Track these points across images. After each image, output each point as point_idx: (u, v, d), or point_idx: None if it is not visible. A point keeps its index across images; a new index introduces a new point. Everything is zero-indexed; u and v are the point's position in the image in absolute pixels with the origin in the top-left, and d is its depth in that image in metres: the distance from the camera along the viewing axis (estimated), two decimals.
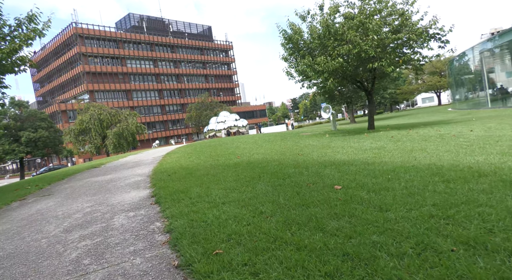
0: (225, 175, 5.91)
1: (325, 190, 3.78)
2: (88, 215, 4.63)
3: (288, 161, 6.86)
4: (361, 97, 40.57)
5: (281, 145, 12.10)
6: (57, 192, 7.88)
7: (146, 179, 7.73)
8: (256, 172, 5.81)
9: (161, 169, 8.84)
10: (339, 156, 6.97)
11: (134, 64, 69.59)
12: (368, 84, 15.23)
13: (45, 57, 71.27)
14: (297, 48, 15.32)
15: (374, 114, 15.86)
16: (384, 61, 11.71)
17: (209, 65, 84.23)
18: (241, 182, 5.05)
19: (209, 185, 5.13)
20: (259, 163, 7.04)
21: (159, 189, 5.51)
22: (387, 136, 10.81)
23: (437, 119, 22.34)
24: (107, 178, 9.02)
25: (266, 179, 5.01)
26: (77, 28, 61.95)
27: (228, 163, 7.92)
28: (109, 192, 6.52)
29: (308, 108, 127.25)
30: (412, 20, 12.16)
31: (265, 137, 18.36)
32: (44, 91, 74.80)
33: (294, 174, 5.13)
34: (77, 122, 38.89)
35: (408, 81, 68.26)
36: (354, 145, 8.99)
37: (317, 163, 6.14)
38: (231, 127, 47.62)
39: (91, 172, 11.59)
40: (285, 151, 9.41)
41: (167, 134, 72.22)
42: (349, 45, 12.44)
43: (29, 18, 9.73)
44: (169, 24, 79.71)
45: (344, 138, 12.33)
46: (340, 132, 17.26)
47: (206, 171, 6.98)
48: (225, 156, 9.89)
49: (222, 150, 12.13)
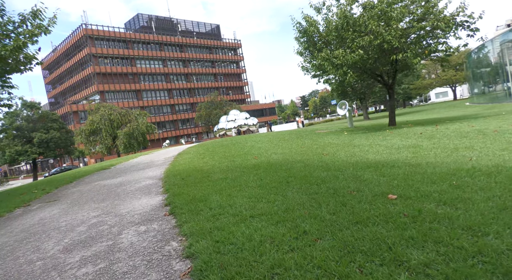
0: (246, 180, 5.25)
1: (377, 200, 3.09)
2: (93, 227, 4.03)
3: (314, 162, 6.16)
4: (375, 92, 39.45)
5: (299, 143, 11.39)
6: (63, 197, 7.35)
7: (158, 182, 7.14)
8: (282, 175, 5.13)
9: (173, 172, 8.24)
10: (371, 156, 6.23)
11: (143, 64, 69.51)
12: (388, 78, 14.37)
13: (57, 59, 71.78)
14: (313, 41, 14.57)
15: (394, 110, 15.00)
16: (409, 52, 10.86)
17: (218, 63, 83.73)
18: (267, 188, 4.38)
19: (230, 192, 4.47)
20: (281, 165, 6.35)
21: (173, 196, 4.88)
22: (414, 133, 10.00)
23: (459, 114, 21.27)
24: (116, 182, 8.47)
25: (296, 184, 4.33)
26: (87, 29, 62.11)
27: (246, 165, 7.26)
28: (118, 198, 5.93)
29: (318, 105, 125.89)
30: (439, 7, 11.26)
31: (278, 135, 17.66)
32: (56, 92, 75.43)
33: (328, 178, 4.43)
34: (88, 123, 38.78)
35: (422, 75, 66.48)
36: (382, 143, 8.23)
37: (349, 164, 5.43)
38: (241, 125, 47.04)
39: (100, 175, 11.09)
40: (306, 151, 8.70)
41: (177, 134, 72.04)
42: (370, 36, 11.64)
43: (34, 13, 9.23)
44: (177, 23, 79.43)
45: (366, 135, 11.54)
46: (358, 129, 16.44)
47: (223, 174, 6.33)
48: (241, 157, 9.24)
49: (236, 150, 11.49)
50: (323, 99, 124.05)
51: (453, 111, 28.49)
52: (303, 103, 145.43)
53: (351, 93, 39.43)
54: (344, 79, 12.93)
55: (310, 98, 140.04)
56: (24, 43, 8.77)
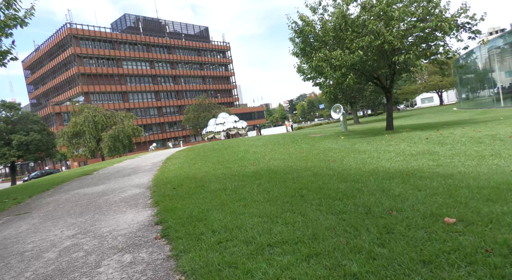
0: (250, 191, 4.54)
1: (432, 225, 2.44)
2: (65, 254, 3.24)
3: (323, 171, 5.50)
4: (365, 96, 39.37)
5: (296, 148, 10.75)
6: (36, 208, 6.47)
7: (146, 192, 6.35)
8: (291, 187, 4.45)
9: (163, 179, 7.46)
10: (385, 163, 5.62)
11: (130, 65, 67.94)
12: (387, 80, 13.93)
13: (39, 58, 69.45)
14: (308, 42, 14.02)
15: (392, 114, 14.58)
16: (411, 53, 10.40)
17: (206, 66, 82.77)
18: (279, 203, 3.68)
19: (234, 208, 3.75)
20: (286, 173, 5.67)
21: (165, 211, 4.13)
22: (418, 138, 9.49)
23: (452, 119, 21.10)
24: (98, 190, 7.62)
25: (314, 199, 3.65)
26: (72, 29, 60.29)
27: (245, 172, 6.55)
28: (100, 212, 5.13)
29: (306, 109, 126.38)
30: (441, 7, 10.85)
31: (271, 139, 17.01)
32: (38, 93, 72.90)
33: (350, 191, 3.77)
34: (71, 125, 37.26)
35: (410, 80, 67.20)
36: (389, 149, 7.66)
37: (366, 173, 4.80)
38: (230, 128, 46.29)
39: (81, 181, 10.17)
40: (308, 156, 8.06)
41: (164, 137, 70.56)
42: (370, 36, 11.14)
43: (7, 3, 8.32)
44: (165, 25, 78.20)
45: (365, 140, 11.00)
46: (354, 133, 15.94)
47: (221, 183, 5.61)
48: (236, 163, 8.53)
49: (230, 155, 10.76)
50: (311, 103, 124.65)
51: (444, 116, 28.48)
52: (291, 107, 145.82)
53: (341, 97, 39.23)
54: (342, 82, 12.39)
55: (298, 102, 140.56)
56: None
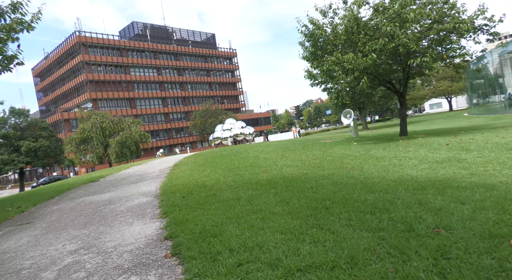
0: (267, 202, 4.18)
1: (497, 249, 2.03)
2: (64, 275, 2.91)
3: (343, 179, 5.12)
4: (374, 102, 38.82)
5: (308, 155, 10.37)
6: (40, 218, 6.18)
7: (154, 201, 6.02)
8: (312, 197, 4.07)
9: (171, 187, 7.13)
10: (410, 171, 5.22)
11: (137, 72, 68.41)
12: (400, 85, 13.52)
13: (48, 66, 70.34)
14: (319, 45, 13.71)
15: (406, 119, 14.13)
16: (428, 56, 10.00)
17: (213, 72, 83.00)
18: (302, 217, 3.31)
19: (251, 221, 3.39)
20: (303, 182, 5.30)
21: (175, 224, 3.78)
22: (438, 144, 9.05)
23: (466, 124, 20.51)
24: (104, 198, 7.32)
25: (342, 212, 3.27)
26: (81, 37, 61.01)
27: (258, 180, 6.19)
28: (105, 223, 4.81)
29: (312, 115, 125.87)
30: (458, 8, 10.46)
31: (280, 145, 16.64)
32: (47, 100, 73.71)
33: (381, 204, 3.39)
34: (78, 131, 37.33)
35: (417, 86, 66.45)
36: (409, 155, 7.24)
37: (392, 182, 4.40)
38: (237, 134, 46.05)
39: (87, 188, 9.90)
40: (322, 163, 7.67)
41: (171, 143, 70.58)
42: (384, 39, 10.78)
43: (13, 6, 8.16)
44: (172, 32, 78.79)
45: (380, 146, 10.57)
46: (365, 139, 15.50)
47: (233, 192, 5.25)
48: (247, 169, 8.17)
49: (240, 161, 10.41)
50: (318, 109, 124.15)
51: (456, 122, 27.83)
52: (297, 113, 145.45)
53: (349, 102, 38.77)
54: (355, 86, 12.02)
55: (305, 108, 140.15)
56: (0, 39, 7.66)
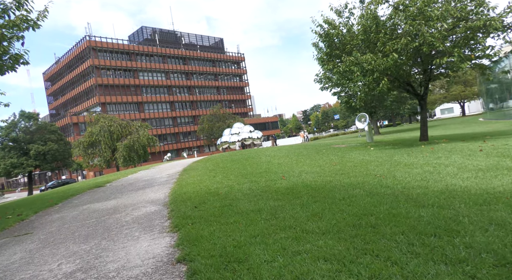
0: (294, 216, 3.59)
1: None
2: None
3: (377, 189, 4.51)
4: (386, 106, 37.99)
5: (325, 160, 9.75)
6: (39, 228, 5.67)
7: (162, 210, 5.47)
8: (348, 211, 3.47)
9: (181, 194, 6.57)
10: (453, 180, 4.58)
11: (146, 76, 68.58)
12: (421, 87, 12.84)
13: (59, 70, 70.99)
14: (334, 46, 13.14)
15: (427, 123, 13.41)
16: (456, 55, 9.33)
17: (221, 77, 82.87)
18: (343, 237, 2.71)
19: (282, 242, 2.80)
20: (331, 191, 4.70)
21: (189, 242, 3.21)
22: (469, 149, 8.36)
23: (486, 129, 19.65)
24: (109, 206, 6.79)
25: (395, 233, 2.67)
26: (91, 41, 61.44)
27: (277, 188, 5.60)
28: (108, 236, 4.26)
29: (320, 120, 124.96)
30: (488, 5, 9.78)
31: (292, 149, 16.01)
32: (57, 104, 74.32)
33: (443, 222, 2.78)
34: (87, 134, 37.18)
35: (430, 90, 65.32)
36: (442, 162, 6.58)
37: (442, 194, 3.78)
38: (245, 139, 45.48)
39: (92, 194, 9.41)
40: (345, 170, 7.05)
41: (179, 147, 70.38)
42: (407, 38, 10.15)
43: (18, 2, 7.77)
44: (181, 36, 79.02)
45: (401, 151, 9.90)
46: (382, 144, 14.80)
47: (251, 202, 4.67)
48: (262, 176, 7.59)
49: (252, 167, 9.83)
50: (325, 114, 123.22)
51: (473, 126, 26.88)
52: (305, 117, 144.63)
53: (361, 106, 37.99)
54: (374, 88, 11.39)
55: (312, 112, 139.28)
56: (4, 36, 7.25)
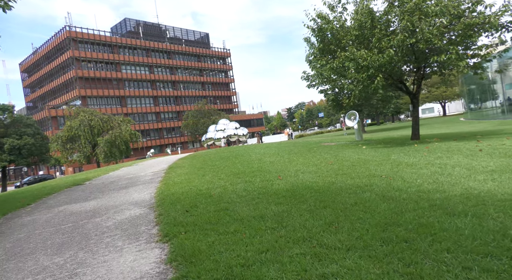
0: (305, 225, 3.12)
1: None
2: None
3: (390, 192, 4.11)
4: (372, 105, 38.14)
5: (319, 158, 9.35)
6: (5, 234, 5.00)
7: (149, 214, 4.91)
8: (367, 219, 3.04)
9: (169, 195, 6.01)
10: (471, 183, 4.23)
11: (129, 70, 66.62)
12: (414, 85, 12.64)
13: (37, 61, 68.06)
14: (327, 41, 12.75)
15: (419, 122, 13.24)
16: (454, 53, 9.08)
17: (206, 72, 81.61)
18: (376, 256, 2.27)
19: (301, 261, 2.33)
20: (336, 194, 4.27)
21: (185, 259, 2.69)
22: (467, 149, 8.13)
23: (474, 129, 19.79)
24: (89, 207, 6.16)
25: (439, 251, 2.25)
26: (71, 32, 59.04)
27: (275, 190, 5.13)
28: (85, 246, 3.68)
29: (304, 117, 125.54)
30: (485, 2, 9.58)
31: (281, 147, 15.59)
32: (34, 96, 71.30)
33: (490, 235, 2.38)
34: (65, 129, 35.58)
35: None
36: (447, 162, 6.27)
37: (465, 199, 3.41)
38: (231, 135, 44.90)
39: (70, 194, 8.68)
40: (344, 169, 6.65)
41: (162, 143, 68.93)
42: (404, 34, 9.85)
43: None
44: (166, 30, 77.21)
45: (396, 150, 9.62)
46: (373, 142, 14.56)
47: (250, 206, 4.19)
48: (256, 175, 7.10)
49: (243, 165, 9.32)
50: (310, 112, 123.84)
51: (457, 126, 27.22)
52: (289, 115, 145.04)
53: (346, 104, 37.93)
54: (368, 85, 11.06)
55: (297, 110, 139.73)
56: None
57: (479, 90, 36.66)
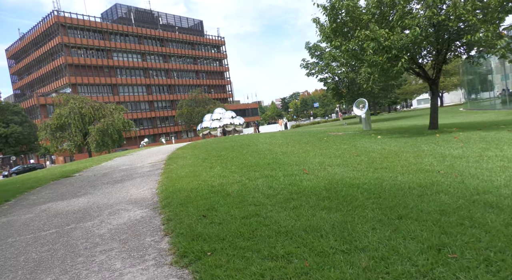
0: (398, 249, 2.15)
1: None
2: None
3: (477, 195, 3.16)
4: (374, 94, 37.19)
5: (337, 149, 8.39)
6: None
7: (153, 218, 3.88)
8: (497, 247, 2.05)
9: (175, 192, 4.98)
10: None
11: (120, 57, 64.47)
12: (433, 70, 11.67)
13: (24, 47, 65.40)
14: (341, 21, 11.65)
15: (437, 110, 12.32)
16: (490, 31, 8.09)
17: (200, 60, 79.63)
18: None
19: None
20: (403, 196, 3.31)
21: None
22: (508, 139, 7.23)
23: (482, 120, 19.01)
24: (77, 206, 5.10)
25: None
26: (59, 17, 56.57)
27: (311, 188, 4.14)
28: (71, 268, 2.65)
29: (299, 107, 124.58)
30: None
31: (287, 136, 14.58)
32: (22, 83, 68.79)
33: None
34: (55, 117, 34.00)
35: (409, 80, 65.56)
36: (503, 154, 5.34)
37: None
38: (227, 125, 43.76)
39: (56, 188, 7.59)
40: (377, 162, 5.67)
41: (155, 132, 67.42)
42: (432, 10, 8.81)
43: None
44: (158, 17, 74.74)
45: (421, 140, 8.71)
46: (384, 132, 13.64)
47: (289, 212, 3.19)
48: (274, 168, 6.09)
49: (254, 157, 8.30)
50: (304, 102, 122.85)
51: (460, 117, 26.48)
52: (284, 105, 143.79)
53: (346, 94, 36.90)
54: (388, 68, 10.04)
55: (291, 100, 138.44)
56: None
57: (481, 80, 35.97)
